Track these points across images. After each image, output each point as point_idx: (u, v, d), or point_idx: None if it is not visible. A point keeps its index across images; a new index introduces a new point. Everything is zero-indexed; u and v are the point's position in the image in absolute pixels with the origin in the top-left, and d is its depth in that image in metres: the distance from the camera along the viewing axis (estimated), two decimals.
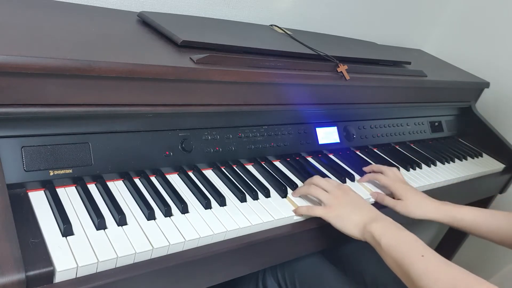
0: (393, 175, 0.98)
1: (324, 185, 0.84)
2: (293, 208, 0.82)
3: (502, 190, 1.43)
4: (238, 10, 1.20)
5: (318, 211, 0.80)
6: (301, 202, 0.85)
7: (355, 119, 1.15)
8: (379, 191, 0.97)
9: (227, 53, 0.85)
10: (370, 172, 1.01)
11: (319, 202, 0.83)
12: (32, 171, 0.64)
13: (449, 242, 1.59)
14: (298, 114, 1.00)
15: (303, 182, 0.91)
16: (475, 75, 1.49)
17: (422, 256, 0.66)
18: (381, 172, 0.99)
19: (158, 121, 0.78)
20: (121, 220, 0.64)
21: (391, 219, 0.77)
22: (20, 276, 0.49)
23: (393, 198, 0.94)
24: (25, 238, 0.56)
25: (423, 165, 1.18)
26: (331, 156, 1.08)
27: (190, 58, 0.78)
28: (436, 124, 1.41)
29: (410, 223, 0.86)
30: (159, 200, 0.71)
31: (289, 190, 0.87)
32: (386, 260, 0.72)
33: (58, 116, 0.66)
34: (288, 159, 0.99)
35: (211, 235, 0.68)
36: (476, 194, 1.36)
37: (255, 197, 0.81)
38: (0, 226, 0.52)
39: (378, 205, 0.94)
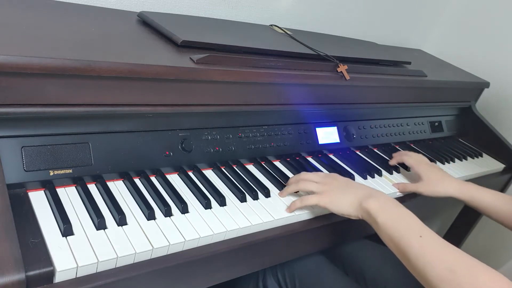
0: (417, 157, 1.06)
1: (312, 177, 0.83)
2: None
3: (502, 190, 1.43)
4: (238, 10, 1.20)
5: (312, 199, 0.79)
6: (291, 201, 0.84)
7: (355, 119, 1.15)
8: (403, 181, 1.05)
9: (227, 53, 0.85)
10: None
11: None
12: (32, 171, 0.64)
13: (453, 236, 1.59)
14: (298, 114, 1.00)
15: None
16: (475, 75, 1.49)
17: (420, 236, 0.65)
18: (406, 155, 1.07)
19: (158, 121, 0.78)
20: (121, 220, 0.64)
21: (386, 195, 0.76)
22: (20, 276, 0.49)
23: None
24: (25, 238, 0.56)
25: None
26: (331, 156, 1.08)
27: (190, 58, 0.78)
28: (436, 124, 1.41)
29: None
30: (159, 200, 0.71)
31: None
32: (382, 237, 0.71)
33: (58, 116, 0.66)
34: (288, 159, 0.99)
35: (211, 235, 0.68)
36: None
37: (255, 197, 0.81)
38: (0, 226, 0.52)
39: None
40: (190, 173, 0.82)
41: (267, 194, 0.83)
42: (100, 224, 0.62)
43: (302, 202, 0.79)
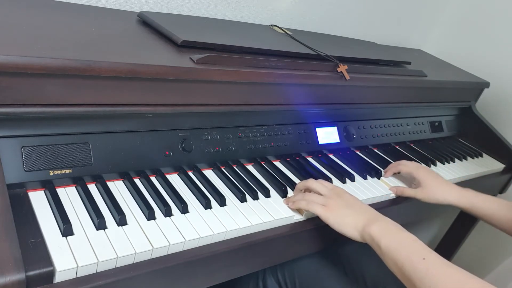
0: (413, 164, 1.04)
1: (319, 189, 0.82)
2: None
3: (502, 190, 1.43)
4: (238, 10, 1.20)
5: (317, 209, 0.79)
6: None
7: (355, 119, 1.15)
8: (399, 185, 1.04)
9: (227, 53, 0.85)
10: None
11: None
12: (32, 171, 0.64)
13: (449, 241, 1.59)
14: (298, 114, 1.00)
15: None
16: (475, 75, 1.49)
17: (424, 258, 0.65)
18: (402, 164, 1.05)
19: (158, 121, 0.78)
20: (121, 220, 0.64)
21: (389, 219, 0.76)
22: (20, 276, 0.49)
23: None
24: (25, 238, 0.56)
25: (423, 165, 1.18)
26: (331, 156, 1.08)
27: (190, 58, 0.78)
28: (436, 124, 1.41)
29: (412, 223, 0.86)
30: (159, 200, 0.71)
31: (289, 190, 0.87)
32: (386, 262, 0.71)
33: (58, 116, 0.66)
34: (288, 159, 0.99)
35: (211, 235, 0.68)
36: None
37: (255, 197, 0.81)
38: (0, 226, 0.52)
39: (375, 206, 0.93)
40: (190, 173, 0.82)
41: (267, 194, 0.83)
42: (100, 224, 0.62)
43: (307, 206, 0.79)
